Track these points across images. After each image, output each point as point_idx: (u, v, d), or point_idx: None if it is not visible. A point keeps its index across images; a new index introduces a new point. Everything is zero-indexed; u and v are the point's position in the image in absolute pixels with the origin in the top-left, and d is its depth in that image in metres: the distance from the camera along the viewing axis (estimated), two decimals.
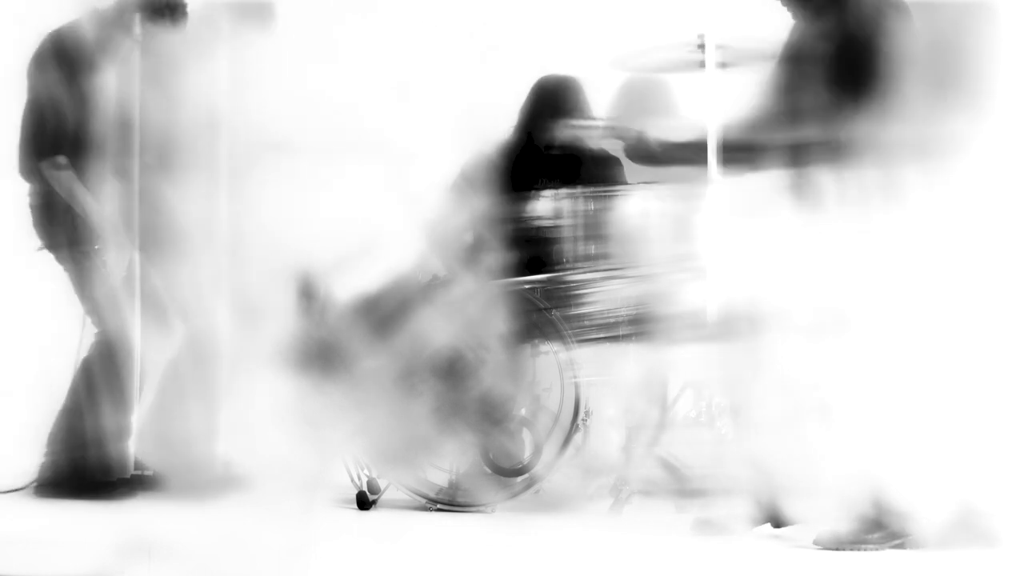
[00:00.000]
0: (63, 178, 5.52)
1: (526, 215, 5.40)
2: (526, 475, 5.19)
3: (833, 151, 4.45)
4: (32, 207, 5.61)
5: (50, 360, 5.63)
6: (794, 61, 4.57)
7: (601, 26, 5.84)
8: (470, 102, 5.44)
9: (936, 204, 4.47)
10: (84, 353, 5.58)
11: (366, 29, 5.36)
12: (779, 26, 4.66)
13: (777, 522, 4.64)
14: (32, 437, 5.59)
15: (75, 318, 5.59)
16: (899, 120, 4.41)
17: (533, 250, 5.38)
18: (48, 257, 5.61)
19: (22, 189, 5.63)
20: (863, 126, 4.41)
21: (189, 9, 5.66)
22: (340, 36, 5.36)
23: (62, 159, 5.52)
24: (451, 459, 5.25)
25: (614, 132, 5.41)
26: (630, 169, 5.57)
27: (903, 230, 4.46)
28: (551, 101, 5.67)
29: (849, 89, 4.45)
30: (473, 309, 5.18)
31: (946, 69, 4.50)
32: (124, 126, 5.55)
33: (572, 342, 5.21)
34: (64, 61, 5.52)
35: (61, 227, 5.56)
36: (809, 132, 4.46)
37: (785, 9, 4.66)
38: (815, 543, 4.49)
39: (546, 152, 5.64)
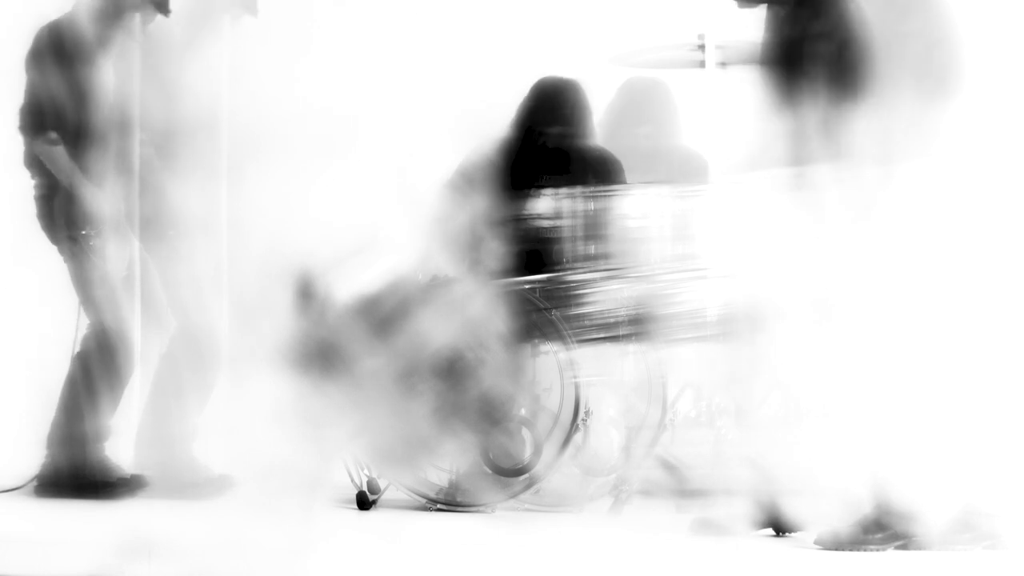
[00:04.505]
0: (55, 154, 5.52)
1: (526, 215, 5.40)
2: (526, 475, 5.18)
3: (832, 150, 4.44)
4: (36, 198, 5.61)
5: (47, 355, 5.62)
6: (785, 66, 4.57)
7: (601, 25, 5.84)
8: (470, 101, 5.43)
9: (937, 200, 4.47)
10: (78, 347, 5.58)
11: (367, 28, 5.36)
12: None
13: (779, 527, 4.64)
14: (30, 434, 5.58)
15: (71, 311, 5.59)
16: (890, 113, 4.41)
17: (533, 250, 5.38)
18: (44, 251, 5.60)
19: (18, 184, 5.62)
20: (859, 123, 4.41)
21: (175, 5, 5.66)
22: (340, 35, 5.36)
23: (54, 135, 5.51)
24: (451, 459, 5.24)
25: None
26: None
27: (903, 228, 4.46)
28: (549, 104, 5.67)
29: (842, 86, 4.45)
30: (473, 309, 5.18)
31: (913, 58, 4.49)
32: (123, 120, 5.54)
33: (572, 342, 5.20)
34: (61, 53, 5.51)
35: (62, 217, 5.55)
36: (809, 134, 4.45)
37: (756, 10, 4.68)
38: (816, 543, 4.49)
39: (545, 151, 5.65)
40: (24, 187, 5.63)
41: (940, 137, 4.44)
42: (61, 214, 5.55)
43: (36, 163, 5.60)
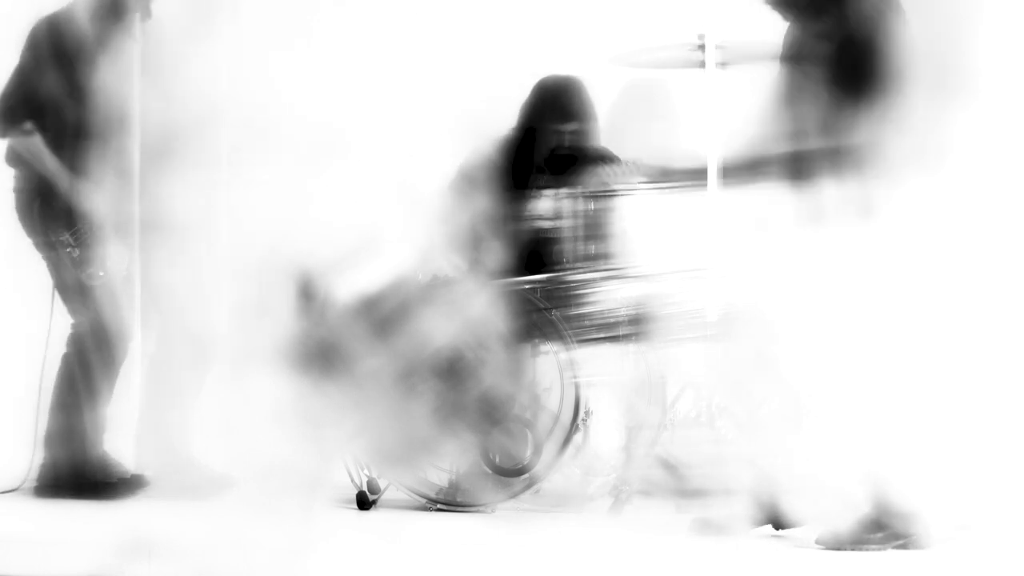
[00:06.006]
0: (30, 144, 5.49)
1: (526, 215, 5.40)
2: (526, 475, 5.18)
3: (835, 157, 4.44)
4: (14, 191, 5.58)
5: (44, 354, 5.61)
6: (793, 67, 4.55)
7: (601, 25, 5.84)
8: (470, 100, 5.44)
9: (936, 205, 4.47)
10: (64, 348, 5.57)
11: (367, 27, 5.36)
12: (779, 26, 4.66)
13: (778, 523, 4.64)
14: (28, 434, 5.58)
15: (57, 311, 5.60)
16: (899, 122, 4.40)
17: (533, 250, 5.38)
18: (31, 249, 5.60)
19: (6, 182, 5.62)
20: (865, 131, 4.40)
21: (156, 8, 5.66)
22: (340, 34, 5.36)
23: (28, 125, 5.49)
24: (451, 459, 5.24)
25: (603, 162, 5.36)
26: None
27: (902, 231, 4.46)
28: (552, 102, 5.67)
29: (851, 93, 4.43)
30: (473, 309, 5.18)
31: (942, 66, 4.49)
32: (120, 119, 5.53)
33: (572, 342, 5.20)
34: (58, 48, 5.49)
35: (39, 213, 5.53)
36: (812, 140, 4.44)
37: (778, 13, 4.64)
38: (817, 543, 4.49)
39: (547, 152, 5.65)
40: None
41: (946, 141, 4.44)
42: (39, 207, 5.51)
43: (16, 156, 5.57)
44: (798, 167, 4.47)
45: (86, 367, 5.52)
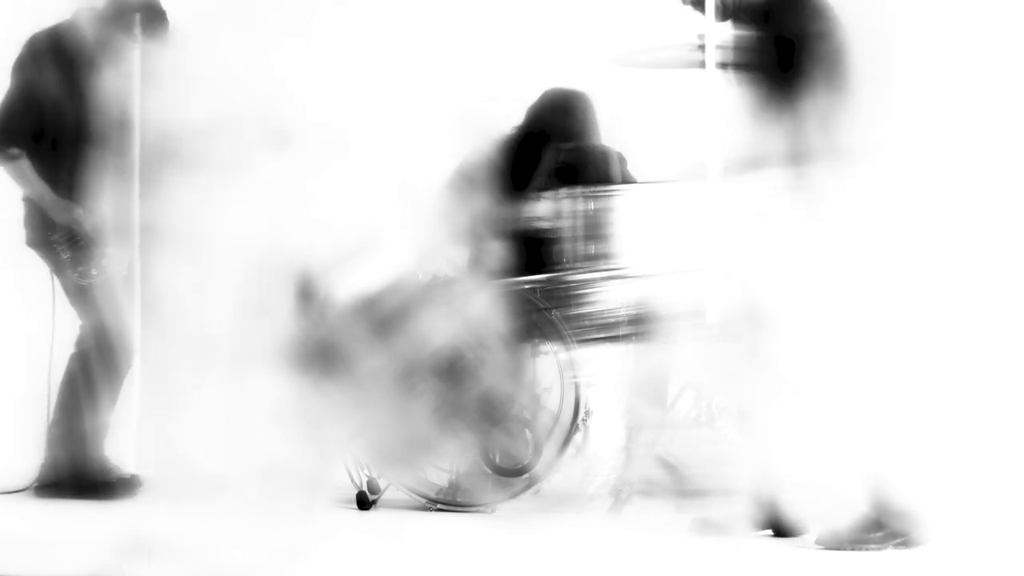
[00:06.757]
0: (16, 168, 5.50)
1: (526, 215, 5.40)
2: (526, 475, 5.18)
3: (826, 147, 4.44)
4: (24, 200, 5.60)
5: (46, 355, 5.62)
6: (756, 74, 4.57)
7: (601, 25, 5.84)
8: (469, 100, 5.44)
9: (936, 202, 4.48)
10: (72, 348, 5.58)
11: (366, 26, 5.36)
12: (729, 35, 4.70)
13: (779, 531, 4.64)
14: (30, 435, 5.58)
15: (69, 312, 5.60)
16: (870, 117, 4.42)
17: (533, 250, 5.38)
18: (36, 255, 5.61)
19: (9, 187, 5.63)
20: (843, 128, 4.41)
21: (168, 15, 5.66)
22: (340, 34, 5.36)
23: (15, 150, 5.49)
24: (451, 459, 5.24)
25: None
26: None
27: (902, 229, 4.46)
28: (556, 115, 5.68)
29: (819, 91, 4.45)
30: (473, 309, 5.18)
31: (872, 60, 4.50)
32: (123, 124, 5.53)
33: (572, 342, 5.20)
34: (61, 58, 5.50)
35: (38, 217, 5.54)
36: (800, 132, 4.45)
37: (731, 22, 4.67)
38: (816, 543, 4.50)
39: (549, 160, 5.66)
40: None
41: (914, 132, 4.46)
42: (42, 216, 5.53)
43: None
44: (790, 165, 4.48)
45: (90, 368, 5.52)
